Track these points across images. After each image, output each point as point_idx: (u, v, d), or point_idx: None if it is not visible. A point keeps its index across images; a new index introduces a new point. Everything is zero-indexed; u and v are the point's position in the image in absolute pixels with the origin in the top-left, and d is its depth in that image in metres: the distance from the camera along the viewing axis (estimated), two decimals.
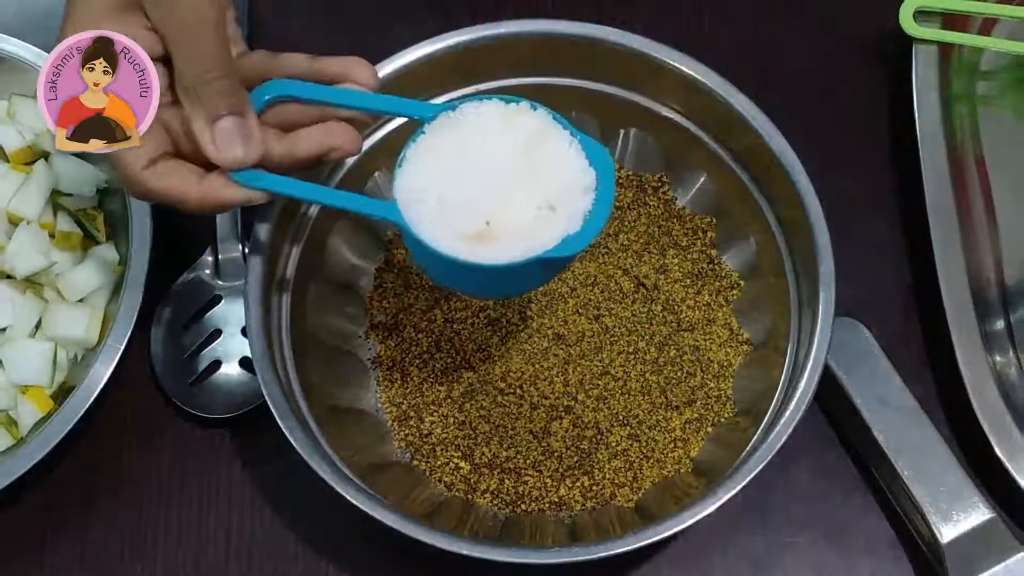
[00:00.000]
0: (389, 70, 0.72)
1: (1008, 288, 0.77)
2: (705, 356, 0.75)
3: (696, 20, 0.87)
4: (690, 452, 0.73)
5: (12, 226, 0.76)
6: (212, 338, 0.78)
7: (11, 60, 0.77)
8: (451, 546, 0.64)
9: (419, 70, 0.73)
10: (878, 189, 0.83)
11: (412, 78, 0.73)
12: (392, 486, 0.70)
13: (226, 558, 0.75)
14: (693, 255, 0.77)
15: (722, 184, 0.76)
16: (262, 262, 0.69)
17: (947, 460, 0.72)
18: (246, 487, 0.77)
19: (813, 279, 0.69)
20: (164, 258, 0.76)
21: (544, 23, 0.73)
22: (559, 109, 0.71)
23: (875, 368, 0.74)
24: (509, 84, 0.75)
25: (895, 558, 0.75)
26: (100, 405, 0.72)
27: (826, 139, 0.83)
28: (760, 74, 0.84)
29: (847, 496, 0.76)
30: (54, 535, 0.76)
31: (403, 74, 0.72)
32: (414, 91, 0.70)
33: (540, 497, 0.73)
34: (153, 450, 0.77)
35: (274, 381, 0.67)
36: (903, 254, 0.81)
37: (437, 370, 0.75)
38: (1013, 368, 0.75)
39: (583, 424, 0.73)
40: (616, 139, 0.79)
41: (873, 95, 0.85)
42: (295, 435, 0.66)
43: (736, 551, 0.75)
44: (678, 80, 0.73)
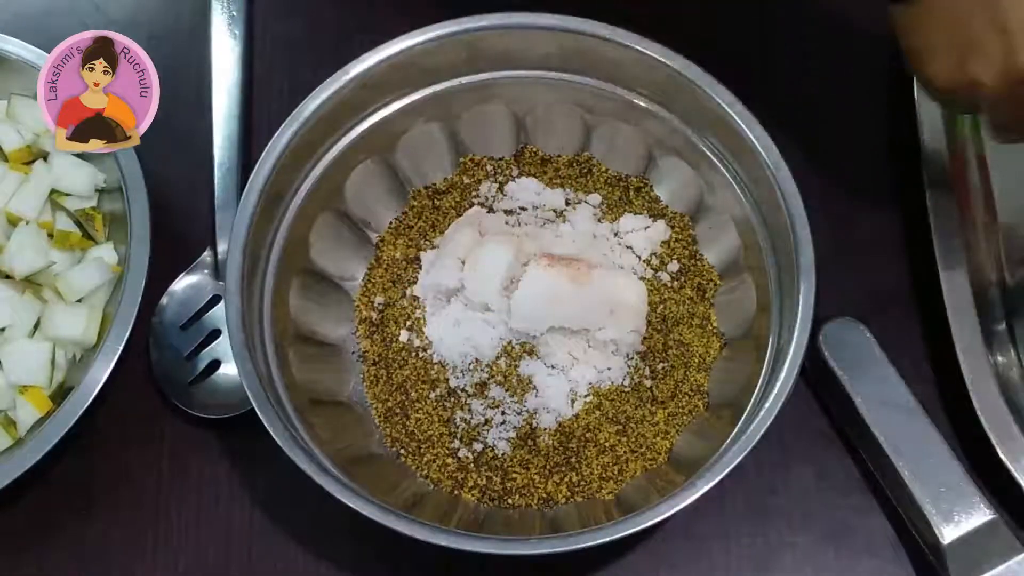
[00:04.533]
0: (372, 62, 0.72)
1: (1009, 288, 0.77)
2: (688, 350, 0.75)
3: (696, 20, 0.87)
4: (672, 444, 0.74)
5: (11, 226, 0.76)
6: (211, 338, 0.78)
7: (11, 60, 0.77)
8: (432, 538, 0.64)
9: (403, 64, 0.73)
10: (878, 188, 0.82)
11: (395, 71, 0.73)
12: (377, 479, 0.70)
13: (226, 558, 0.75)
14: (676, 251, 0.78)
15: (704, 180, 0.76)
16: (242, 254, 0.69)
17: (948, 460, 0.72)
18: (245, 487, 0.76)
19: (794, 271, 0.69)
20: (163, 258, 0.76)
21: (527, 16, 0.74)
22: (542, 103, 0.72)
23: (876, 368, 0.74)
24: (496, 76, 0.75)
25: (896, 558, 0.74)
26: (99, 405, 0.72)
27: (826, 139, 0.83)
28: (760, 74, 0.84)
29: (847, 496, 0.76)
30: (53, 535, 0.76)
31: (386, 67, 0.73)
32: (399, 85, 0.70)
33: (528, 493, 0.73)
34: (152, 450, 0.77)
35: (253, 373, 0.67)
36: (904, 254, 0.81)
37: (421, 368, 0.75)
38: (1015, 368, 0.75)
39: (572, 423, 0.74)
40: (598, 133, 0.79)
41: (873, 95, 0.85)
42: (274, 426, 0.66)
43: (737, 551, 0.75)
44: (660, 73, 0.73)
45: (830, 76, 0.86)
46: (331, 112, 0.73)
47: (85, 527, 0.76)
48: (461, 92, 0.76)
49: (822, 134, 0.83)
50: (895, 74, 0.84)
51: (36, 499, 0.76)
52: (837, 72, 0.86)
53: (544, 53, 0.75)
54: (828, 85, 0.85)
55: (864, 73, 0.85)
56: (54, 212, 0.77)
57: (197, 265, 0.79)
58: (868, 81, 0.85)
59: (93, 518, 0.76)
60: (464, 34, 0.73)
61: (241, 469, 0.77)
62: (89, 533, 0.76)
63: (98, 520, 0.76)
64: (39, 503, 0.76)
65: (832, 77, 0.86)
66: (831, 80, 0.85)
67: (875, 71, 0.85)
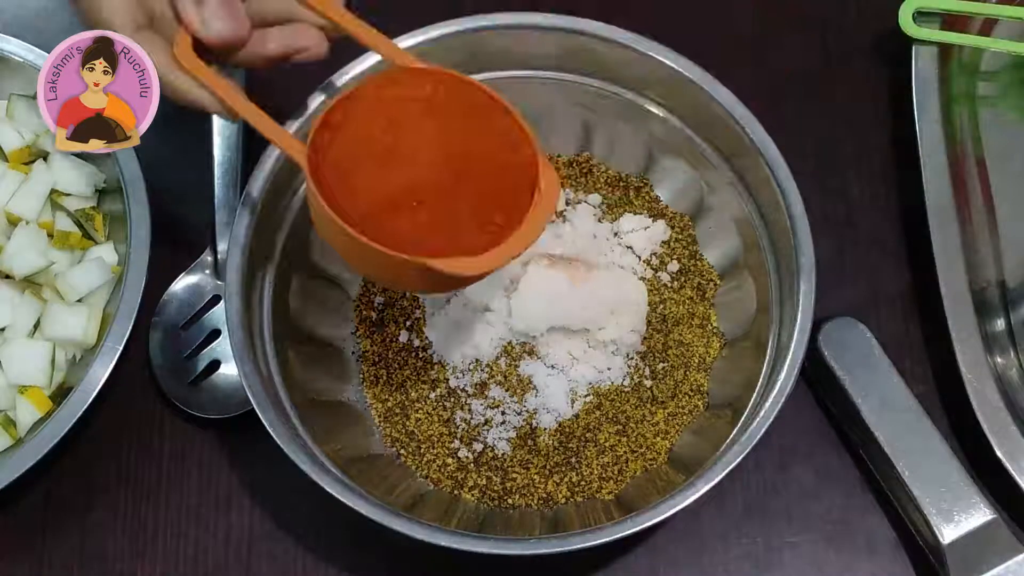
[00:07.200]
0: (372, 62, 0.72)
1: (1009, 288, 0.77)
2: (688, 350, 0.75)
3: (695, 20, 0.87)
4: (672, 444, 0.74)
5: (11, 226, 0.76)
6: (211, 338, 0.78)
7: (11, 60, 0.77)
8: (432, 538, 0.64)
9: None
10: (878, 189, 0.82)
11: None
12: (377, 479, 0.70)
13: (225, 558, 0.75)
14: (676, 251, 0.78)
15: (705, 180, 0.76)
16: (242, 255, 0.69)
17: (948, 460, 0.72)
18: (245, 487, 0.76)
19: (794, 271, 0.69)
20: (163, 258, 0.76)
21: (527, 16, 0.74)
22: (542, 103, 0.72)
23: (876, 368, 0.74)
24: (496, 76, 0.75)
25: (896, 559, 0.75)
26: (99, 406, 0.72)
27: (826, 139, 0.83)
28: (760, 74, 0.84)
29: (848, 497, 0.76)
30: (53, 535, 0.76)
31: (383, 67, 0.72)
32: None
33: (528, 493, 0.73)
34: (152, 451, 0.77)
35: (254, 373, 0.67)
36: (903, 254, 0.81)
37: (421, 368, 0.75)
38: (1014, 369, 0.75)
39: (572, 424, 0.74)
40: (599, 134, 0.79)
41: (872, 95, 0.85)
42: (274, 426, 0.66)
43: (737, 551, 0.75)
44: (661, 73, 0.73)
45: (830, 76, 0.86)
46: None
47: (85, 527, 0.76)
48: None
49: (822, 134, 0.83)
50: (895, 74, 0.84)
51: (36, 499, 0.76)
52: (837, 72, 0.86)
53: (544, 53, 0.75)
54: (828, 85, 0.85)
55: (864, 73, 0.85)
56: (54, 212, 0.77)
57: (197, 265, 0.79)
58: (868, 81, 0.85)
59: (93, 518, 0.76)
60: (464, 34, 0.73)
61: (241, 469, 0.77)
62: (89, 533, 0.76)
63: (98, 520, 0.76)
64: (39, 503, 0.76)
65: (832, 77, 0.85)
66: (831, 80, 0.85)
67: (875, 71, 0.85)
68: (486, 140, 0.63)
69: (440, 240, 0.62)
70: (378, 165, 0.63)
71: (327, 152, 0.62)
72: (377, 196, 0.63)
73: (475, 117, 0.63)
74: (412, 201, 0.62)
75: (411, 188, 0.63)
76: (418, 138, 0.64)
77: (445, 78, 0.64)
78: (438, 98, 0.64)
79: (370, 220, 0.61)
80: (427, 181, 0.63)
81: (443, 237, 0.62)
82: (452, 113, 0.64)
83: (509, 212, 0.62)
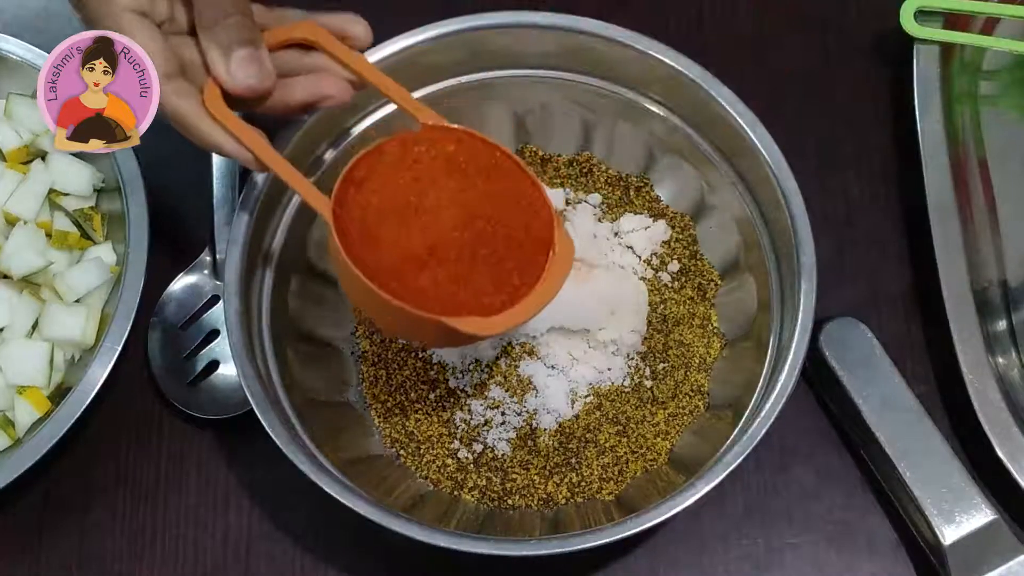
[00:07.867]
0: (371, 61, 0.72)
1: (1010, 289, 0.77)
2: (688, 351, 0.75)
3: (695, 20, 0.87)
4: (672, 445, 0.74)
5: (9, 226, 0.76)
6: (210, 339, 0.78)
7: (11, 60, 0.77)
8: (432, 538, 0.64)
9: (402, 63, 0.73)
10: (879, 189, 0.82)
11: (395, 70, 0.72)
12: (377, 480, 0.70)
13: (224, 559, 0.75)
14: (676, 251, 0.77)
15: (705, 179, 0.76)
16: (241, 254, 0.69)
17: (949, 461, 0.72)
18: (244, 488, 0.76)
19: (794, 271, 0.69)
20: (162, 258, 0.76)
21: (527, 15, 0.73)
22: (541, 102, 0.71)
23: (877, 368, 0.74)
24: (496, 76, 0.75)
25: (897, 559, 0.74)
26: (97, 406, 0.72)
27: (826, 139, 0.83)
28: (760, 74, 0.84)
29: (849, 497, 0.76)
30: (51, 535, 0.76)
31: (385, 67, 0.72)
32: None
33: (528, 494, 0.73)
34: (151, 451, 0.77)
35: (253, 374, 0.67)
36: (905, 254, 0.81)
37: (420, 369, 0.75)
38: (1015, 369, 0.74)
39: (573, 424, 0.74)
40: (599, 133, 0.79)
41: (873, 95, 0.85)
42: (273, 427, 0.66)
43: (738, 552, 0.75)
44: (661, 72, 0.73)
45: (830, 76, 0.85)
46: (331, 111, 0.73)
47: (84, 527, 0.76)
48: (461, 91, 0.76)
49: (822, 134, 0.83)
50: (896, 74, 0.84)
51: (35, 499, 0.76)
52: (837, 72, 0.86)
53: (544, 52, 0.75)
54: (828, 85, 0.85)
55: (864, 73, 0.85)
56: (52, 212, 0.77)
57: (196, 265, 0.79)
58: (868, 81, 0.85)
59: (92, 518, 0.76)
60: (464, 33, 0.73)
61: (240, 469, 0.77)
62: (88, 533, 0.76)
63: (97, 520, 0.76)
64: (37, 503, 0.76)
65: (832, 77, 0.85)
66: (831, 80, 0.85)
67: (876, 70, 0.85)
68: (506, 200, 0.64)
69: (458, 297, 0.63)
70: (399, 221, 0.63)
71: (351, 206, 0.63)
72: (399, 251, 0.63)
73: (496, 178, 0.64)
74: (432, 258, 0.63)
75: (432, 245, 0.63)
76: (440, 196, 0.64)
77: (466, 137, 0.64)
78: (460, 156, 0.64)
79: (391, 274, 0.62)
80: (448, 239, 0.63)
81: (461, 294, 0.63)
82: (473, 172, 0.65)
83: (525, 273, 0.63)
